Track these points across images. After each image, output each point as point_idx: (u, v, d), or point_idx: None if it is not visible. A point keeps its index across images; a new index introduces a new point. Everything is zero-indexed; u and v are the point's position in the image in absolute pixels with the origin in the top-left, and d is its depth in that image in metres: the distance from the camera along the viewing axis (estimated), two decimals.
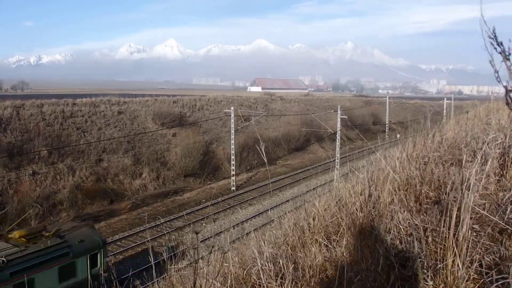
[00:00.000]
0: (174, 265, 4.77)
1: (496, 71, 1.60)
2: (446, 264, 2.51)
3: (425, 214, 3.04)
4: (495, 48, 1.55)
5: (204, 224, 25.47)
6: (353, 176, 5.01)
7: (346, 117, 36.94)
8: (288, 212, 5.87)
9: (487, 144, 3.87)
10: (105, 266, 15.62)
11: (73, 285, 14.28)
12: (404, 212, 3.15)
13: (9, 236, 14.02)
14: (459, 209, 2.59)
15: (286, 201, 27.93)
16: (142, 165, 33.72)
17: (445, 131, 5.45)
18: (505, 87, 1.60)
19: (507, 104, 1.62)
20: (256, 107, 55.06)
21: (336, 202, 4.59)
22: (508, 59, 1.54)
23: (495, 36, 1.54)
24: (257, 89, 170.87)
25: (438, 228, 2.70)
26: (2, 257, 12.49)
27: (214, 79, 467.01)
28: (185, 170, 35.39)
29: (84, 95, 47.45)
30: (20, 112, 31.92)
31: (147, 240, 22.45)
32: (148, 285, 7.41)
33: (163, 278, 5.40)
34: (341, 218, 4.13)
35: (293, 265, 3.24)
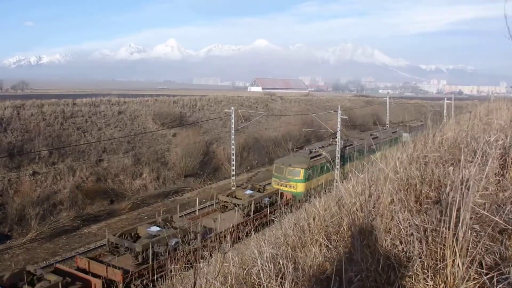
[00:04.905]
0: (175, 265, 4.77)
1: None
2: (446, 264, 2.50)
3: (425, 214, 3.04)
4: None
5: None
6: (353, 176, 5.01)
7: (346, 117, 36.90)
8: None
9: (488, 144, 3.88)
10: None
11: None
12: (404, 212, 3.15)
13: None
14: (459, 209, 2.59)
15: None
16: (142, 165, 33.73)
17: (445, 131, 5.45)
18: None
19: None
20: (257, 107, 55.03)
21: (336, 202, 4.60)
22: None
23: None
24: (258, 89, 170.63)
25: (438, 228, 2.70)
26: None
27: (214, 79, 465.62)
28: (185, 170, 35.38)
29: (84, 95, 47.47)
30: (20, 112, 31.93)
31: None
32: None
33: (163, 278, 5.40)
34: (341, 218, 4.13)
35: (293, 265, 3.24)
